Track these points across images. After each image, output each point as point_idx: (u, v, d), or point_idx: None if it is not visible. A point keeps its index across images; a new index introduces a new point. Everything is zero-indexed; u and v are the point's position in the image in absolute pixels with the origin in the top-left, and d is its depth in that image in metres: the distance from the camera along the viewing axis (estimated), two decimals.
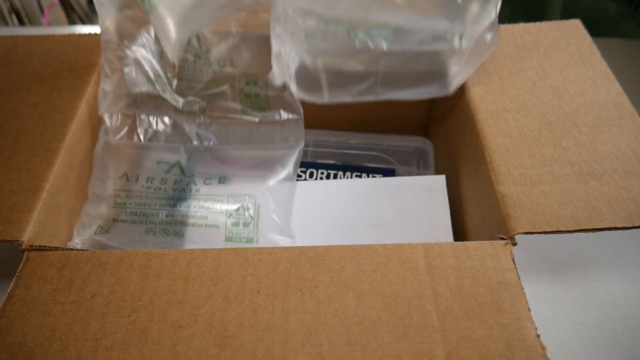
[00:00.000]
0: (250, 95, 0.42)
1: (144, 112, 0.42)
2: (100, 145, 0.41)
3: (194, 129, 0.42)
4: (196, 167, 0.41)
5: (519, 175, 0.33)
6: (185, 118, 0.42)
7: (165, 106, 0.42)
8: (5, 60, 0.42)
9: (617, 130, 0.35)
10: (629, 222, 0.30)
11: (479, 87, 0.39)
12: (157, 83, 0.41)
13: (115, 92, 0.41)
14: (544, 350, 0.25)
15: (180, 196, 0.39)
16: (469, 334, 0.26)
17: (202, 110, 0.42)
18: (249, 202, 0.39)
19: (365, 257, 0.29)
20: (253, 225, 0.39)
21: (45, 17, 1.09)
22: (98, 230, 0.38)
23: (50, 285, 0.28)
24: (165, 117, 0.42)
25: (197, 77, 0.41)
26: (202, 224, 0.38)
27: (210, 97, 0.42)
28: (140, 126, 0.42)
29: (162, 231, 0.38)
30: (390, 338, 0.26)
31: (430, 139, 0.51)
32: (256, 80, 0.41)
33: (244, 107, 0.42)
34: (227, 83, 0.41)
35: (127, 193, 0.39)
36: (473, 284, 0.28)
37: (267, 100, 0.42)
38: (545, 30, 0.42)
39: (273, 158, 0.42)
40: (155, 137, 0.42)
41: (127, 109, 0.42)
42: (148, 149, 0.42)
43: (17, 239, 0.30)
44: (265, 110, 0.42)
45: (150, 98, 0.41)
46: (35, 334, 0.27)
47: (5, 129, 0.37)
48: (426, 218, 0.40)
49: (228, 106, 0.42)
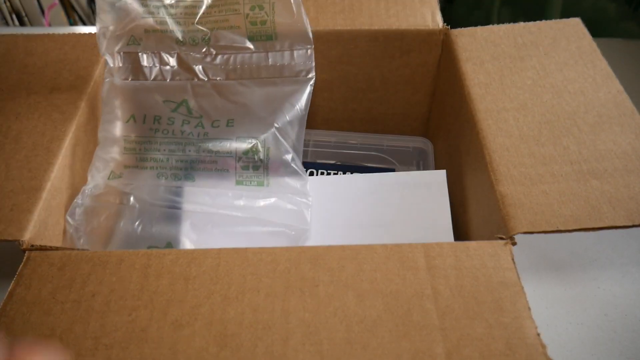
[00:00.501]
0: (256, 22, 0.39)
1: (146, 49, 0.40)
2: (105, 87, 0.39)
3: (200, 62, 0.40)
4: (204, 107, 0.40)
5: (518, 174, 0.33)
6: (189, 50, 0.40)
7: (167, 40, 0.40)
8: (4, 59, 0.42)
9: (618, 129, 0.35)
10: (630, 221, 0.30)
11: (479, 86, 0.39)
12: (153, 13, 0.38)
13: (113, 30, 0.39)
14: (544, 349, 0.25)
15: (189, 140, 0.38)
16: (469, 333, 0.26)
17: (205, 40, 0.40)
18: (258, 145, 0.38)
19: (365, 256, 0.29)
20: (263, 168, 0.38)
21: (45, 18, 1.10)
22: (111, 176, 0.38)
23: (50, 285, 0.28)
24: (168, 53, 0.40)
25: (197, 2, 0.39)
26: (212, 169, 0.38)
27: (213, 24, 0.39)
28: (143, 63, 0.40)
29: (173, 176, 0.38)
30: (390, 336, 0.26)
31: (430, 139, 0.51)
32: (262, 4, 0.39)
33: (250, 35, 0.40)
34: (231, 8, 0.39)
35: (135, 138, 0.38)
36: (473, 284, 0.28)
37: (274, 28, 0.39)
38: (545, 29, 0.42)
39: (282, 95, 0.40)
40: (160, 75, 0.40)
41: (128, 47, 0.40)
42: (153, 88, 0.40)
43: (18, 238, 0.30)
44: (273, 39, 0.40)
45: (148, 33, 0.39)
46: (35, 332, 0.27)
47: (6, 128, 0.37)
48: (426, 213, 0.40)
49: (233, 35, 0.39)
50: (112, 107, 0.40)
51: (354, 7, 0.45)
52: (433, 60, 0.46)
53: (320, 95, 0.50)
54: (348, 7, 0.45)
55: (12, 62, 0.42)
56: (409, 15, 0.45)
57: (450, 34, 0.43)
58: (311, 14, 0.45)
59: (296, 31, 0.40)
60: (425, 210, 0.40)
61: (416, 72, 0.48)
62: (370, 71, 0.48)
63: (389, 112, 0.52)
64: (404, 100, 0.51)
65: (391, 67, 0.47)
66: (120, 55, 0.40)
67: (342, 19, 0.44)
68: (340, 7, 0.45)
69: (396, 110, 0.52)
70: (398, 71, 0.48)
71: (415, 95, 0.50)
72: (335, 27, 0.44)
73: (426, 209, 0.40)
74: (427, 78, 0.48)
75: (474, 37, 0.42)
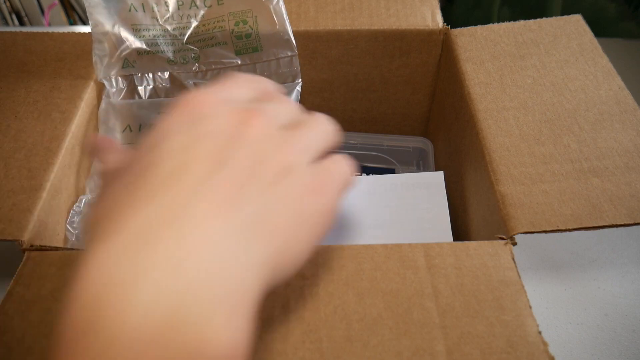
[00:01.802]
0: (242, 36, 0.42)
1: (140, 71, 0.42)
2: (102, 107, 0.41)
3: (191, 79, 0.42)
4: None
5: (518, 174, 0.33)
6: (181, 69, 0.42)
7: (158, 60, 0.42)
8: (3, 56, 0.42)
9: (619, 126, 0.35)
10: (631, 219, 0.30)
11: (479, 86, 0.39)
12: (144, 37, 0.41)
13: (109, 58, 0.41)
14: (545, 347, 0.25)
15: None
16: (470, 331, 0.26)
17: (196, 58, 0.42)
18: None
19: (365, 256, 0.29)
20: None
21: (45, 18, 1.10)
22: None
23: (50, 284, 0.28)
24: (161, 72, 0.43)
25: (185, 24, 0.41)
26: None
27: (202, 43, 0.42)
28: (138, 85, 0.43)
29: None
30: (390, 334, 0.26)
31: (430, 139, 0.51)
32: (245, 19, 0.41)
33: (237, 50, 0.42)
34: (217, 26, 0.41)
35: (132, 146, 0.39)
36: (473, 282, 0.27)
37: (258, 40, 0.42)
38: (546, 26, 0.42)
39: None
40: (155, 94, 0.43)
41: (123, 71, 0.42)
42: (148, 105, 0.42)
43: (17, 238, 0.30)
44: (259, 50, 0.42)
45: (141, 54, 0.42)
46: (34, 330, 0.26)
47: (5, 126, 0.37)
48: (425, 214, 0.40)
49: (221, 51, 0.42)
50: (108, 122, 0.41)
51: (354, 6, 0.45)
52: (433, 60, 0.46)
53: (320, 95, 0.50)
54: (348, 7, 0.45)
55: (11, 60, 0.41)
56: (409, 15, 0.45)
57: (450, 33, 0.43)
58: (311, 14, 0.45)
59: (280, 40, 0.42)
60: (423, 211, 0.40)
61: (416, 72, 0.48)
62: (370, 71, 0.48)
63: (389, 112, 0.52)
64: (404, 100, 0.51)
65: (391, 67, 0.47)
66: (116, 79, 0.42)
67: (342, 19, 0.44)
68: (340, 6, 0.45)
69: (396, 110, 0.52)
70: (398, 71, 0.48)
71: (415, 95, 0.50)
72: (335, 27, 0.44)
73: (425, 210, 0.40)
74: (427, 78, 0.48)
75: (474, 36, 0.42)
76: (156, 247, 0.16)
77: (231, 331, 0.16)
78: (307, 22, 0.44)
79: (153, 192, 0.17)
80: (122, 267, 0.16)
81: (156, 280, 0.15)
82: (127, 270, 0.16)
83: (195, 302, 0.16)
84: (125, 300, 0.15)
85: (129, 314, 0.15)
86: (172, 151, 0.18)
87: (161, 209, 0.17)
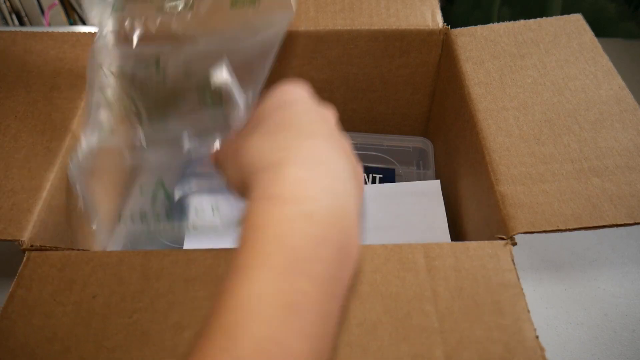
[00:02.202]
0: None
1: (130, 16, 0.39)
2: (95, 47, 0.39)
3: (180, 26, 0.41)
4: None
5: (518, 174, 0.33)
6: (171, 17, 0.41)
7: (149, 9, 0.40)
8: (3, 56, 0.42)
9: (619, 125, 0.35)
10: (631, 219, 0.30)
11: (479, 86, 0.38)
12: None
13: None
14: (542, 352, 0.25)
15: None
16: (469, 336, 0.26)
17: (188, 8, 0.40)
18: None
19: (365, 257, 0.29)
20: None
21: (45, 18, 1.09)
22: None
23: (51, 286, 0.28)
24: (152, 21, 0.41)
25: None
26: None
27: None
28: (127, 30, 0.40)
29: None
30: (390, 339, 0.26)
31: (430, 139, 0.51)
32: None
33: (233, 1, 0.41)
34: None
35: None
36: (472, 285, 0.27)
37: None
38: (546, 26, 0.42)
39: None
40: (143, 41, 0.40)
41: (113, 14, 0.39)
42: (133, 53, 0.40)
43: (18, 238, 0.30)
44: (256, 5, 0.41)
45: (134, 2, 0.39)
46: (37, 335, 0.27)
47: (5, 126, 0.37)
48: (423, 221, 0.41)
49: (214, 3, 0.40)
50: (94, 64, 0.40)
51: (354, 6, 0.45)
52: (433, 60, 0.46)
53: (320, 95, 0.50)
54: (348, 7, 0.45)
55: (10, 60, 0.41)
56: (409, 15, 0.45)
57: (450, 33, 0.43)
58: (311, 14, 0.45)
59: None
60: (422, 218, 0.41)
61: (416, 72, 0.48)
62: (370, 71, 0.48)
63: (389, 112, 0.52)
64: (404, 100, 0.51)
65: (391, 67, 0.47)
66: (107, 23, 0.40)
67: (342, 19, 0.44)
68: (340, 6, 0.45)
69: (396, 110, 0.52)
70: (398, 71, 0.48)
71: (415, 95, 0.50)
72: (335, 27, 0.44)
73: (423, 217, 0.41)
74: (427, 78, 0.48)
75: (474, 36, 0.42)
76: (320, 166, 0.24)
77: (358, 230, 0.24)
78: (307, 22, 0.44)
79: (304, 135, 0.26)
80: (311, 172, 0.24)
81: None
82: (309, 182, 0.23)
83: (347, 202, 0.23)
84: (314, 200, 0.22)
85: None
86: (300, 112, 0.28)
87: (311, 142, 0.25)
